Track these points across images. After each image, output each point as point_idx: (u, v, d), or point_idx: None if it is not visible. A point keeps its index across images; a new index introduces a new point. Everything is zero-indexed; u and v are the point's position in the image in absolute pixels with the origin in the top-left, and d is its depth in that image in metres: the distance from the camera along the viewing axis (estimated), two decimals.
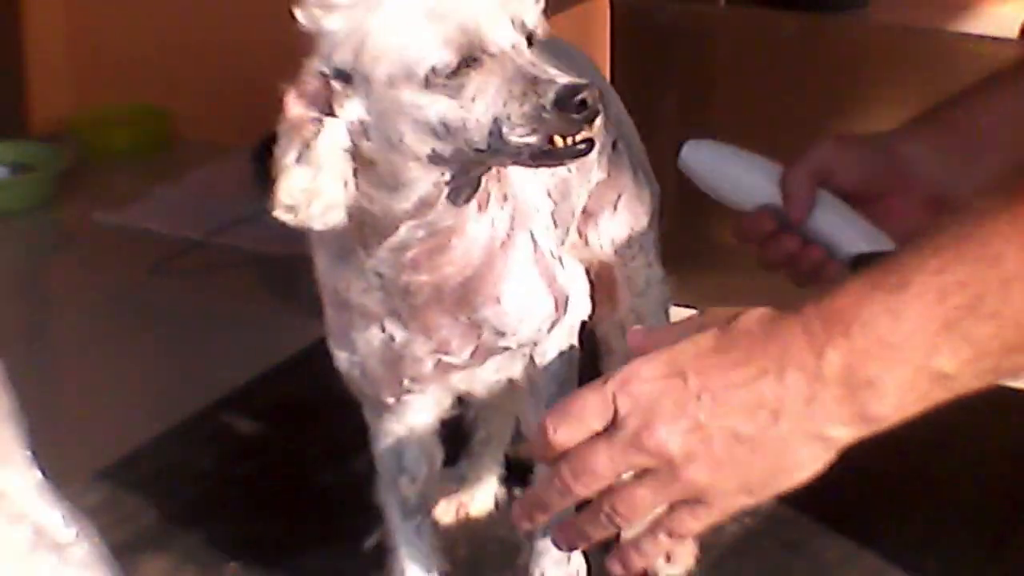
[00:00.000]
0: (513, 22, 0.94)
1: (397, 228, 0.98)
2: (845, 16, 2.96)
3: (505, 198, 1.03)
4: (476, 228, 1.00)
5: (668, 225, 1.30)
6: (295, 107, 0.97)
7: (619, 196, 1.21)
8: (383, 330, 1.03)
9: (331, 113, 0.96)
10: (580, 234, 1.20)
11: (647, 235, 1.24)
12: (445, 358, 1.04)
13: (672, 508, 0.93)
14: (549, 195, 1.10)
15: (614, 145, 1.20)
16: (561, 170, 1.12)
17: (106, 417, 2.80)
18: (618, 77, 2.16)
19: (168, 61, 4.28)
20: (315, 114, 0.96)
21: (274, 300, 3.48)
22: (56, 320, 3.59)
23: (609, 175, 1.19)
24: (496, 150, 0.93)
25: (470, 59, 0.92)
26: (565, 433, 0.90)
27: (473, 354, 1.05)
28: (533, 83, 0.91)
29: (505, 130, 0.92)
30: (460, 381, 1.08)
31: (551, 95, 0.91)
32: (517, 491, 1.30)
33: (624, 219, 1.22)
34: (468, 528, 1.27)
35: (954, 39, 2.79)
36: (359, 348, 1.05)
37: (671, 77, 2.72)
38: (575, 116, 0.91)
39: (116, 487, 1.34)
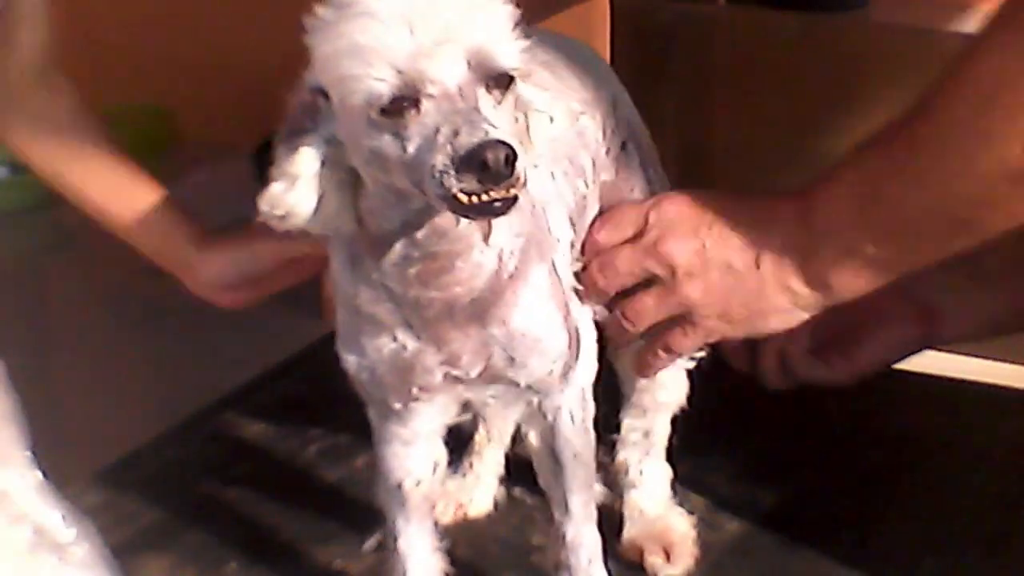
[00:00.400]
0: (470, 61, 0.90)
1: (392, 245, 0.98)
2: (845, 16, 2.95)
3: (519, 234, 1.02)
4: (481, 257, 0.99)
5: None
6: (288, 117, 0.97)
7: (631, 194, 1.21)
8: (394, 340, 1.03)
9: (317, 127, 0.96)
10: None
11: None
12: (454, 371, 1.04)
13: (667, 325, 1.15)
14: (571, 222, 1.10)
15: (623, 146, 1.19)
16: (580, 187, 1.12)
17: (106, 417, 2.80)
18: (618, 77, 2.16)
19: (168, 61, 4.28)
20: (305, 125, 0.96)
21: (274, 300, 3.48)
22: (56, 320, 3.59)
23: (618, 175, 1.19)
24: (424, 195, 0.91)
25: (407, 98, 0.90)
26: (604, 235, 1.14)
27: (481, 374, 1.04)
28: (455, 135, 0.88)
29: (426, 178, 0.89)
30: (467, 391, 1.07)
31: (460, 152, 0.87)
32: (517, 491, 1.30)
33: None
34: (468, 528, 1.27)
35: (954, 39, 2.78)
36: (369, 354, 1.04)
37: (671, 77, 2.72)
38: (476, 177, 0.87)
39: (116, 487, 1.34)
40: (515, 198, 0.89)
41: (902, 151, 1.08)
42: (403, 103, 0.90)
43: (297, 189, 0.97)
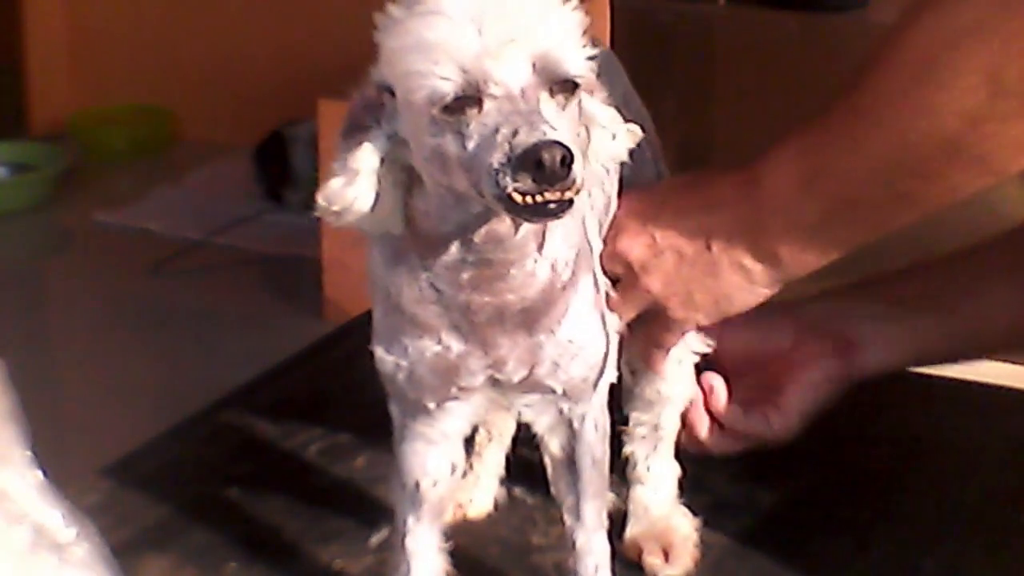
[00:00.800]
0: (535, 65, 0.91)
1: (448, 247, 0.98)
2: (845, 16, 2.96)
3: (572, 245, 1.01)
4: (534, 267, 0.99)
5: None
6: (352, 113, 0.97)
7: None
8: (439, 342, 1.02)
9: (380, 124, 0.96)
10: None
11: None
12: (497, 375, 1.04)
13: (644, 320, 1.16)
14: (601, 225, 1.11)
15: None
16: (607, 189, 1.12)
17: (106, 417, 2.80)
18: None
19: (168, 61, 4.29)
20: (367, 122, 0.96)
21: (274, 300, 3.48)
22: (56, 320, 3.59)
23: (632, 175, 1.19)
24: (481, 196, 0.91)
25: (470, 97, 0.90)
26: None
27: (523, 380, 1.04)
28: (514, 135, 0.88)
29: (483, 178, 0.89)
30: (502, 396, 1.07)
31: (516, 151, 0.87)
32: (517, 491, 1.30)
33: None
34: (468, 528, 1.27)
35: None
36: (410, 355, 1.03)
37: (671, 77, 2.73)
38: (531, 176, 0.87)
39: (116, 487, 1.34)
40: (571, 201, 0.89)
41: (840, 122, 1.09)
42: (465, 102, 0.90)
43: (357, 185, 0.97)
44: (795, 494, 1.33)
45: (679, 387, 1.24)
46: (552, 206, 0.89)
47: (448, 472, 1.10)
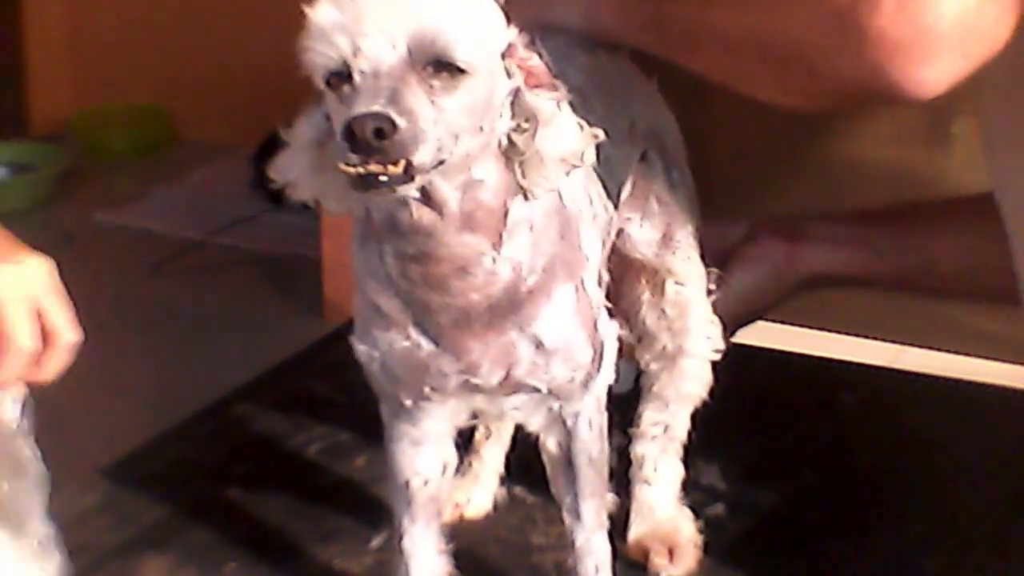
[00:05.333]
0: (410, 46, 0.91)
1: (385, 235, 0.98)
2: None
3: (543, 252, 1.00)
4: (493, 266, 0.98)
5: None
6: (315, 93, 0.98)
7: (648, 201, 1.20)
8: (407, 338, 1.02)
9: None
10: (614, 246, 1.18)
11: (684, 230, 1.23)
12: (473, 379, 1.03)
13: None
14: (603, 241, 1.10)
15: (643, 156, 1.19)
16: (611, 209, 1.11)
17: (106, 417, 2.80)
18: None
19: (168, 61, 4.28)
20: (315, 101, 0.97)
21: (274, 300, 3.48)
22: None
23: (635, 187, 1.18)
24: None
25: (342, 73, 0.91)
26: None
27: (502, 383, 1.04)
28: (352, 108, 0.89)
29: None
30: (482, 400, 1.07)
31: (342, 125, 0.88)
32: (517, 491, 1.30)
33: (658, 221, 1.21)
34: (468, 528, 1.27)
35: None
36: (380, 346, 1.04)
37: (671, 77, 2.72)
38: (349, 148, 0.88)
39: (116, 487, 1.35)
40: (403, 177, 0.89)
41: None
42: (341, 78, 0.91)
43: (293, 158, 0.98)
44: (795, 494, 1.33)
45: (699, 385, 1.24)
46: (383, 179, 0.89)
47: (439, 471, 1.10)
